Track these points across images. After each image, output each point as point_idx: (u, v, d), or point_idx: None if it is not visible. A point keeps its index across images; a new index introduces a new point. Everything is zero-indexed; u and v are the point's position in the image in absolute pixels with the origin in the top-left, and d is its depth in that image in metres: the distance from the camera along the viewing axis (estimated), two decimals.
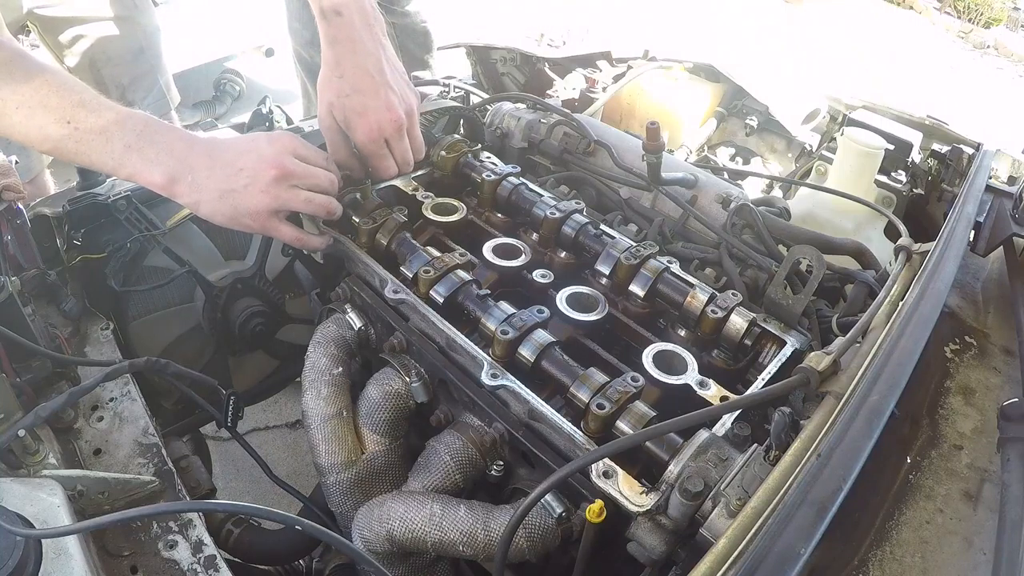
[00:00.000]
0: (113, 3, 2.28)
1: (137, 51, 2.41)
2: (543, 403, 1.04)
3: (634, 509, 0.89)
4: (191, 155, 1.13)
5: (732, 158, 2.27)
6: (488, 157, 1.59)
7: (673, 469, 0.92)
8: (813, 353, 0.98)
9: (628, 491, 0.90)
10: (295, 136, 1.23)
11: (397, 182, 1.50)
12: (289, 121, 1.59)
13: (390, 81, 1.28)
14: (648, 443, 0.98)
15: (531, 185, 1.48)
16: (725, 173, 1.88)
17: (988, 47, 9.55)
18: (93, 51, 2.30)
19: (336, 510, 1.20)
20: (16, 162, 1.21)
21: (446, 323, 1.17)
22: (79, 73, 2.23)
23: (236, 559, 1.17)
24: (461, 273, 1.24)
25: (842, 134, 1.79)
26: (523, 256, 1.34)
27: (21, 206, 1.18)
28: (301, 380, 1.26)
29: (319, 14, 1.26)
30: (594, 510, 0.88)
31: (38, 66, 1.09)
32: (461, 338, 1.15)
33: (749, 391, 1.11)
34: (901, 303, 1.09)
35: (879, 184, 1.75)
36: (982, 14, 9.93)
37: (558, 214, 1.37)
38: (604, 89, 2.09)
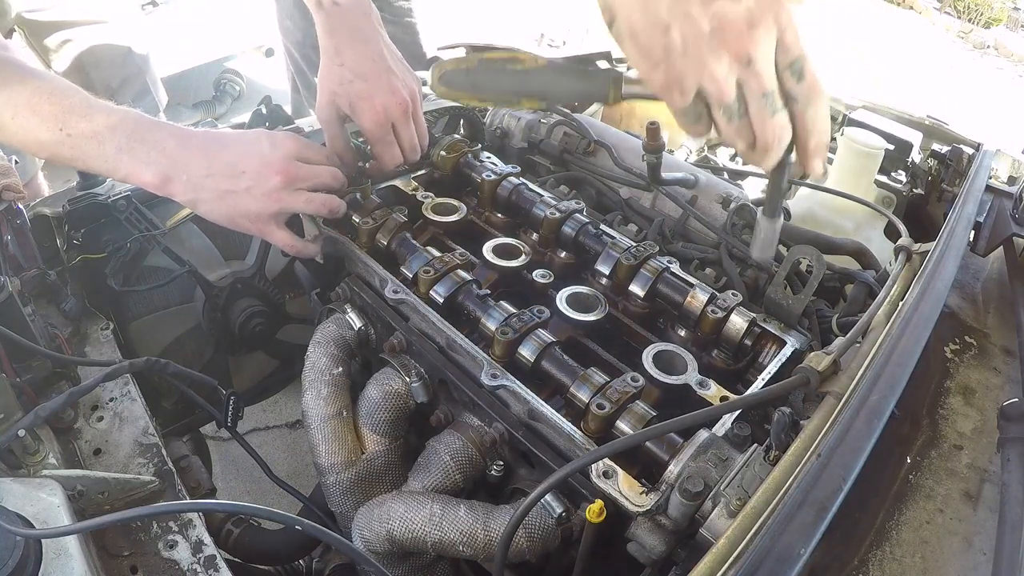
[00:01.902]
0: (99, 7, 2.28)
1: (125, 54, 2.42)
2: (543, 403, 1.04)
3: (634, 509, 0.89)
4: (184, 153, 1.12)
5: (732, 158, 2.27)
6: (488, 157, 1.59)
7: (673, 469, 0.92)
8: (813, 353, 0.98)
9: (628, 491, 0.90)
10: (297, 137, 1.23)
11: (397, 182, 1.50)
12: (288, 121, 1.58)
13: (391, 66, 1.28)
14: (648, 443, 0.98)
15: (531, 185, 1.49)
16: (725, 173, 1.88)
17: (988, 47, 9.56)
18: (81, 55, 2.31)
19: (336, 510, 1.20)
20: (16, 162, 1.21)
21: (446, 323, 1.17)
22: (67, 77, 2.24)
23: (236, 559, 1.17)
24: (461, 273, 1.24)
25: (842, 134, 1.79)
26: (523, 256, 1.34)
27: (21, 206, 1.18)
28: (301, 380, 1.26)
29: (315, 4, 1.26)
30: (594, 510, 0.88)
31: (30, 72, 1.09)
32: (461, 338, 1.15)
33: (749, 391, 1.11)
34: (901, 303, 1.09)
35: (879, 184, 1.75)
36: (982, 14, 9.94)
37: (558, 214, 1.37)
38: None
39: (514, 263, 1.33)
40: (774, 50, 0.74)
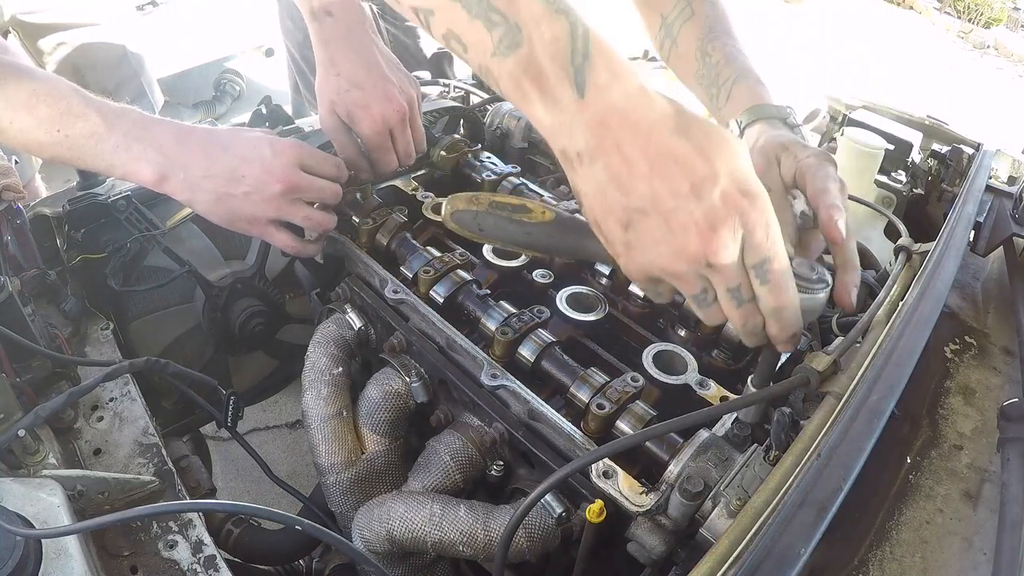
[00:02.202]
0: (94, 8, 2.28)
1: (120, 56, 2.41)
2: (543, 403, 1.04)
3: (634, 509, 0.89)
4: (182, 150, 1.12)
5: None
6: (488, 157, 1.59)
7: (673, 469, 0.92)
8: (813, 353, 0.98)
9: (628, 491, 0.90)
10: (301, 145, 1.20)
11: (397, 182, 1.50)
12: (288, 121, 1.58)
13: (387, 73, 1.28)
14: (648, 443, 0.98)
15: (531, 185, 1.49)
16: None
17: (988, 47, 9.57)
18: (75, 57, 2.31)
19: (336, 510, 1.20)
20: (16, 162, 1.21)
21: (446, 323, 1.17)
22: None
23: (236, 559, 1.17)
24: (461, 273, 1.24)
25: (842, 134, 1.79)
26: (523, 256, 1.34)
27: (21, 206, 1.18)
28: (301, 380, 1.26)
29: (309, 15, 1.26)
30: (594, 510, 0.88)
31: (28, 74, 1.08)
32: (461, 338, 1.15)
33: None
34: (901, 303, 1.09)
35: (879, 184, 1.75)
36: (982, 14, 9.94)
37: None
38: None
39: (514, 263, 1.33)
40: (739, 250, 0.69)
